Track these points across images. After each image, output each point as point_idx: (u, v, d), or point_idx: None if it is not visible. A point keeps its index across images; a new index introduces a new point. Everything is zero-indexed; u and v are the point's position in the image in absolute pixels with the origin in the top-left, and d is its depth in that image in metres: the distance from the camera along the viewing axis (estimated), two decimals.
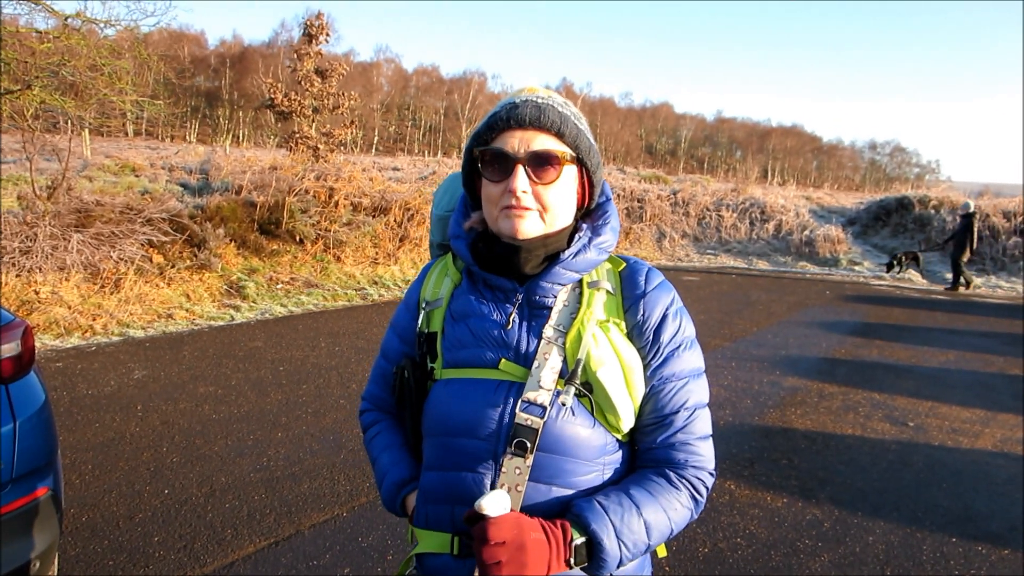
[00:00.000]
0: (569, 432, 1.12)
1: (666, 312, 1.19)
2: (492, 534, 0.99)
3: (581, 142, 1.18)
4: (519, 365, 1.15)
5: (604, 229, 1.23)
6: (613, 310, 1.19)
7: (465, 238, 1.25)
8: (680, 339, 1.19)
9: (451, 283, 1.28)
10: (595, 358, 1.12)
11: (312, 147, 14.99)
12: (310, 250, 10.88)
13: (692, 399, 1.18)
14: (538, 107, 1.15)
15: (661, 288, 1.21)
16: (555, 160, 1.14)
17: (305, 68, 15.40)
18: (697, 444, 1.16)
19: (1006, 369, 7.60)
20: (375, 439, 1.39)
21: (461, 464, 1.15)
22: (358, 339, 7.27)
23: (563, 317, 1.17)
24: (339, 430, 4.69)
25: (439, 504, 1.18)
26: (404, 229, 12.39)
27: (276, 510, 3.55)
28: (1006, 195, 23.34)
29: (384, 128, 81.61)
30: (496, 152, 1.15)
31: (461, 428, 1.15)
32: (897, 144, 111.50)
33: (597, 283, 1.20)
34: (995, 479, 4.53)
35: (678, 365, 1.18)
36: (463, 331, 1.20)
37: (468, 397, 1.15)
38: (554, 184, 1.14)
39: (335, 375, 5.92)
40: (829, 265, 17.45)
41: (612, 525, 1.06)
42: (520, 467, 1.11)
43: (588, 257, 1.19)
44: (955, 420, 5.70)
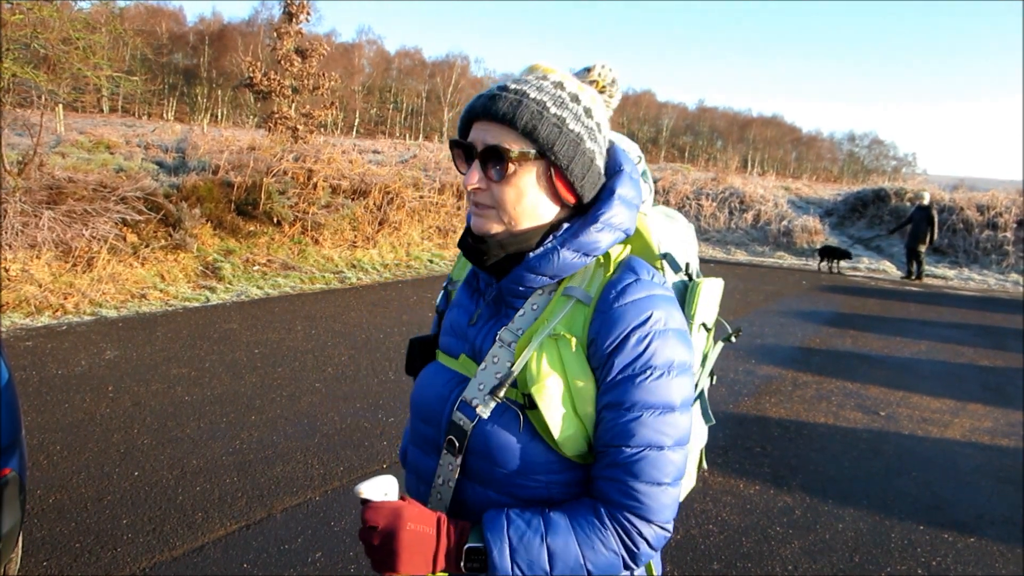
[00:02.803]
0: (498, 441, 1.05)
1: (628, 332, 1.02)
2: (367, 516, 0.99)
3: (550, 136, 1.03)
4: (473, 362, 1.12)
5: (587, 230, 1.08)
6: (577, 323, 1.05)
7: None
8: (642, 365, 1.01)
9: (469, 267, 1.28)
10: (533, 371, 1.02)
11: (291, 128, 14.81)
12: (288, 232, 10.76)
13: (640, 436, 1.01)
14: (494, 97, 1.04)
15: (634, 305, 1.03)
16: (501, 155, 1.03)
17: (285, 48, 15.18)
18: (639, 487, 1.00)
19: (976, 360, 7.72)
20: None
21: (420, 445, 1.18)
22: (335, 322, 7.22)
23: (525, 321, 1.08)
24: (314, 414, 4.65)
25: (412, 476, 1.21)
26: (384, 212, 12.30)
27: (248, 493, 3.52)
28: (980, 189, 23.67)
29: (365, 110, 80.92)
30: (454, 143, 1.10)
31: (420, 411, 1.17)
32: (875, 137, 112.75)
33: (573, 290, 1.08)
34: (962, 468, 4.62)
35: (632, 394, 1.01)
36: (449, 317, 1.22)
37: (432, 383, 1.16)
38: (505, 182, 1.05)
39: (311, 358, 5.88)
40: (806, 255, 17.61)
41: (508, 540, 0.98)
42: (452, 463, 1.09)
43: (562, 259, 1.07)
44: (925, 410, 5.78)
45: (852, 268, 16.10)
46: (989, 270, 16.63)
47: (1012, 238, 17.50)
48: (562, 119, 1.05)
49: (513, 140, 1.03)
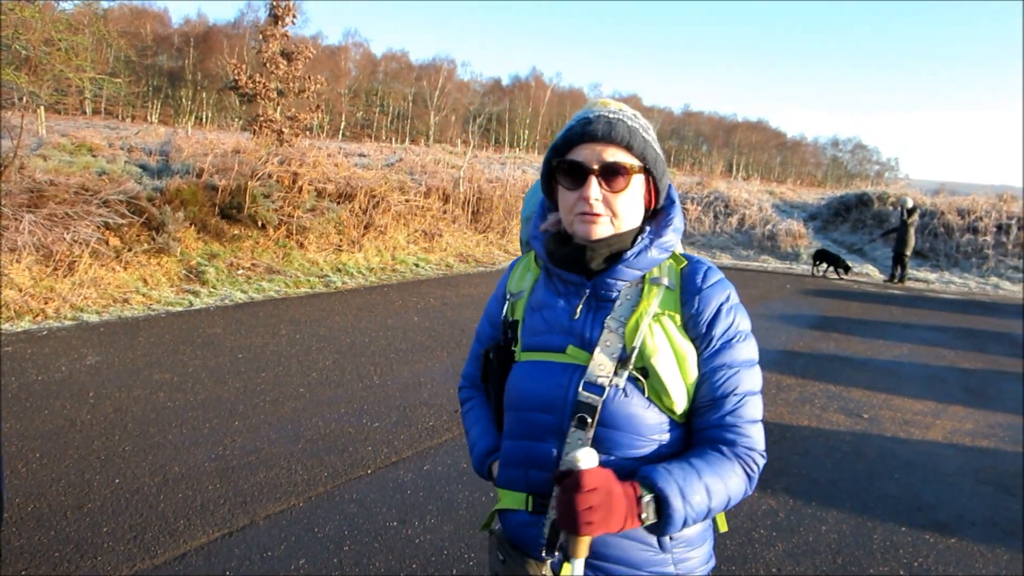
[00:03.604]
0: (624, 410, 1.24)
1: (720, 307, 1.30)
2: (586, 482, 1.10)
3: (648, 153, 1.30)
4: (583, 351, 1.29)
5: (666, 230, 1.35)
6: (670, 304, 1.30)
7: (542, 238, 1.40)
8: (733, 332, 1.29)
9: (532, 277, 1.45)
10: (651, 347, 1.25)
11: (276, 131, 14.72)
12: (272, 236, 10.70)
13: (743, 386, 1.28)
14: (609, 122, 1.28)
15: (717, 285, 1.32)
16: (624, 171, 1.27)
17: (270, 50, 15.09)
18: (746, 427, 1.27)
19: (957, 362, 7.81)
20: (468, 413, 1.59)
21: (534, 435, 1.31)
22: (320, 327, 7.18)
23: (624, 309, 1.30)
24: (298, 419, 4.63)
25: (515, 468, 1.34)
26: (369, 216, 12.26)
27: (230, 500, 3.49)
28: (961, 193, 23.93)
29: (351, 113, 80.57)
30: (571, 163, 1.29)
31: (535, 403, 1.30)
32: (858, 142, 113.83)
33: (659, 279, 1.32)
34: (944, 470, 4.66)
35: (730, 355, 1.28)
36: (539, 320, 1.36)
37: (541, 377, 1.30)
38: (623, 192, 1.28)
39: (295, 363, 5.85)
40: (790, 259, 17.74)
41: (677, 484, 1.17)
42: (582, 439, 1.24)
43: (650, 256, 1.31)
44: (907, 412, 5.84)
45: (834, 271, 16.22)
46: (970, 273, 16.84)
47: (992, 242, 17.73)
48: (650, 141, 1.32)
49: (627, 158, 1.28)
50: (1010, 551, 3.61)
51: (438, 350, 6.60)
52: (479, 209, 15.12)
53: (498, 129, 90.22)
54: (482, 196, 15.27)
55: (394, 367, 5.95)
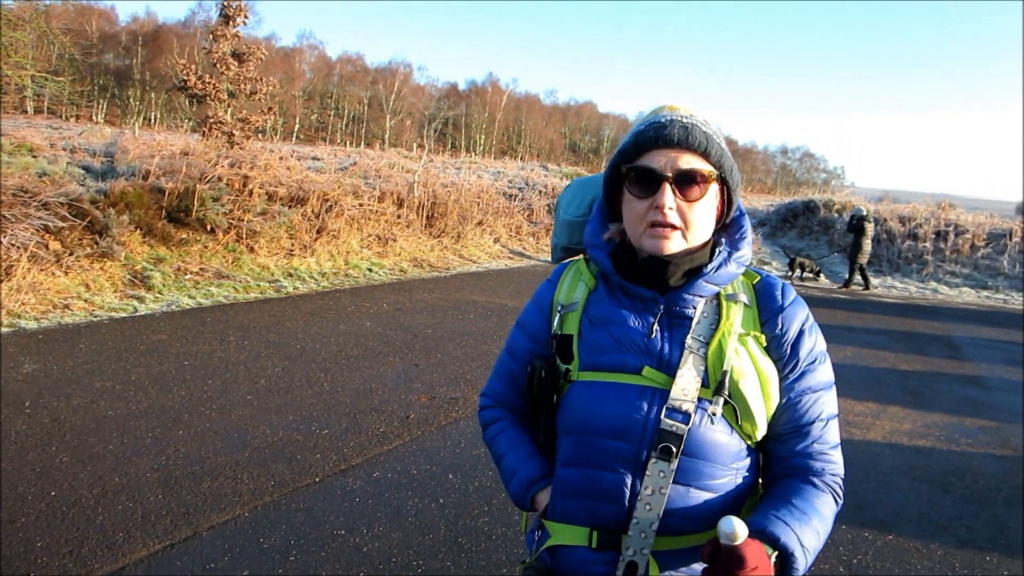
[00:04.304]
0: (710, 438, 1.17)
1: (803, 327, 1.24)
2: (750, 560, 1.03)
3: (725, 162, 1.22)
4: (661, 372, 1.19)
5: (742, 244, 1.27)
6: (751, 323, 1.23)
7: (604, 247, 1.29)
8: (816, 353, 1.24)
9: (586, 288, 1.32)
10: (737, 370, 1.17)
11: (227, 133, 14.46)
12: (222, 240, 10.49)
13: (826, 410, 1.24)
14: (685, 127, 1.19)
15: (797, 303, 1.26)
16: (702, 179, 1.19)
17: (221, 51, 14.83)
18: (831, 453, 1.24)
19: (896, 365, 8.07)
20: (499, 436, 1.44)
21: (603, 463, 1.20)
22: (270, 333, 7.07)
23: (703, 328, 1.21)
24: (244, 427, 4.54)
25: (578, 499, 1.23)
26: (322, 220, 12.11)
27: (173, 511, 3.41)
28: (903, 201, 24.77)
29: (306, 116, 79.61)
30: (644, 169, 1.20)
31: (605, 429, 1.19)
32: (806, 150, 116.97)
33: (735, 296, 1.25)
34: (882, 469, 4.81)
35: (814, 378, 1.23)
36: (604, 336, 1.24)
37: (612, 400, 1.20)
38: (699, 202, 1.20)
39: (243, 370, 5.74)
40: None
41: (796, 534, 1.12)
42: (664, 470, 1.16)
43: (729, 271, 1.24)
44: (849, 413, 6.00)
45: (784, 277, 16.61)
46: (910, 278, 17.42)
47: (931, 248, 18.38)
48: (726, 149, 1.23)
49: (704, 165, 1.20)
50: (943, 547, 3.75)
51: (390, 355, 6.56)
52: (434, 214, 15.06)
53: (454, 134, 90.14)
54: (437, 201, 15.22)
55: (345, 373, 5.89)
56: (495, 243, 16.56)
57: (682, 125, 1.19)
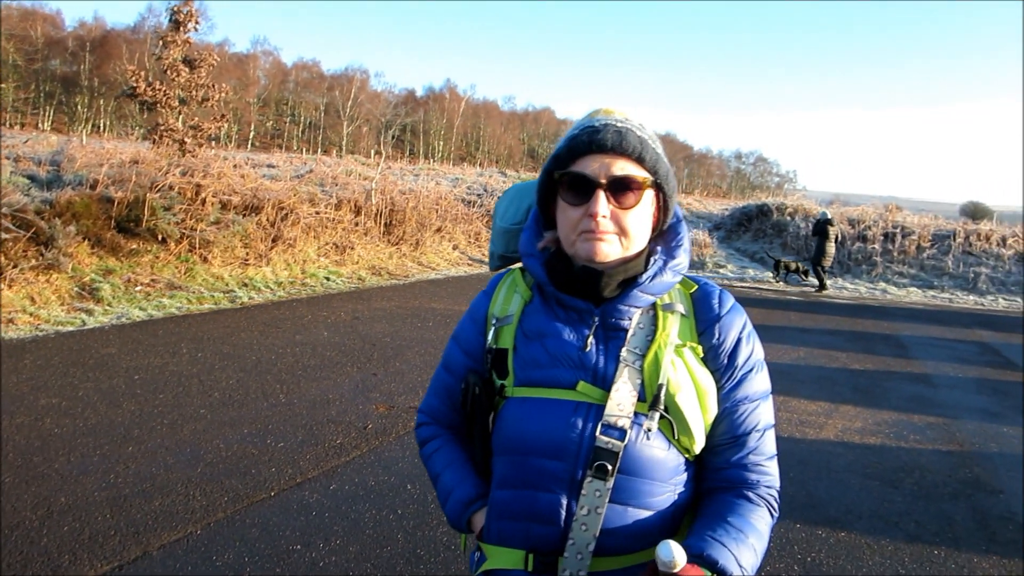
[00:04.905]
0: (647, 455, 1.14)
1: (740, 336, 1.22)
2: None
3: (660, 167, 1.18)
4: (596, 387, 1.15)
5: (678, 251, 1.24)
6: (687, 333, 1.20)
7: (539, 257, 1.25)
8: (753, 362, 1.22)
9: (521, 300, 1.27)
10: (674, 383, 1.14)
11: (179, 141, 14.18)
12: (174, 250, 10.27)
13: (763, 420, 1.21)
14: (619, 132, 1.15)
15: (735, 311, 1.24)
16: (636, 185, 1.15)
17: (171, 57, 14.54)
18: (767, 464, 1.21)
19: (848, 364, 8.26)
20: (435, 454, 1.38)
21: (538, 483, 1.15)
22: (224, 344, 6.93)
23: (639, 340, 1.18)
24: (197, 442, 4.44)
25: (514, 521, 1.18)
26: (278, 229, 11.94)
27: (122, 531, 3.32)
28: (852, 204, 25.44)
29: (261, 123, 78.51)
30: (577, 176, 1.16)
31: (539, 448, 1.15)
32: (760, 155, 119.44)
33: (671, 305, 1.22)
34: (835, 467, 4.91)
35: (751, 387, 1.21)
36: (538, 350, 1.20)
37: (546, 417, 1.15)
38: (634, 209, 1.16)
39: (196, 383, 5.62)
40: (696, 268, 18.36)
41: (732, 555, 1.08)
42: (600, 489, 1.12)
43: (664, 280, 1.20)
44: (803, 413, 6.12)
45: (739, 280, 16.92)
46: (860, 279, 17.90)
47: (880, 249, 18.92)
48: (661, 154, 1.20)
49: (639, 171, 1.16)
50: (894, 542, 3.84)
51: (348, 365, 6.49)
52: (392, 221, 14.97)
53: (412, 140, 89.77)
54: (395, 208, 15.13)
55: (301, 384, 5.80)
56: (454, 250, 16.53)
57: (616, 130, 1.15)
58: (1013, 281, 17.41)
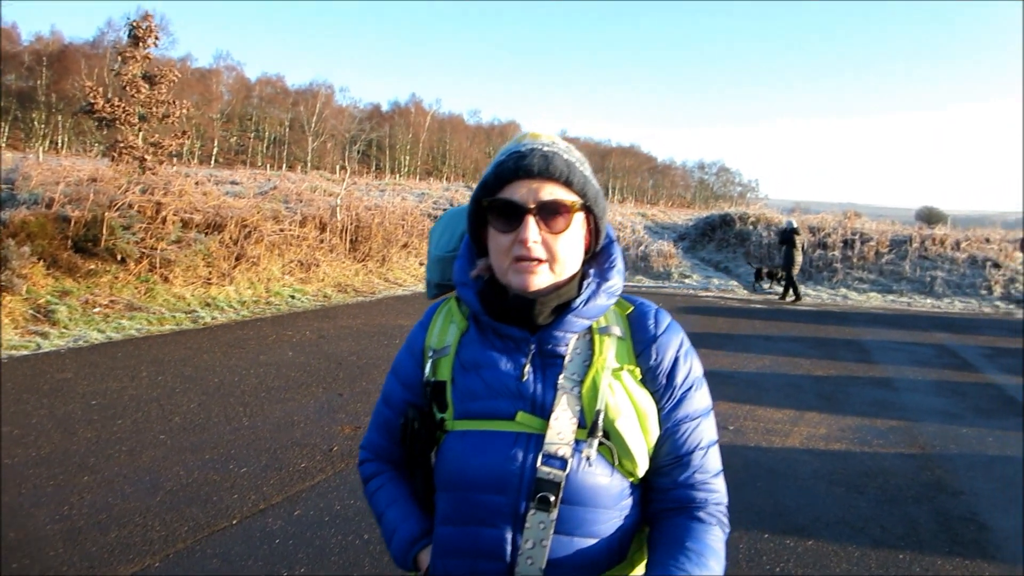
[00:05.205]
0: (590, 483, 1.12)
1: (678, 355, 1.21)
2: None
3: (588, 189, 1.17)
4: (536, 416, 1.14)
5: (611, 273, 1.22)
6: (625, 356, 1.19)
7: (472, 286, 1.23)
8: (691, 380, 1.21)
9: (457, 330, 1.25)
10: (613, 408, 1.13)
11: (138, 158, 13.93)
12: (133, 270, 10.06)
13: (706, 438, 1.20)
14: (545, 156, 1.14)
15: (671, 330, 1.23)
16: (565, 209, 1.14)
17: (131, 73, 14.30)
18: (714, 481, 1.20)
19: (812, 371, 8.37)
20: (379, 492, 1.35)
21: (481, 519, 1.13)
22: (185, 367, 6.79)
23: (576, 365, 1.16)
24: (157, 469, 4.33)
25: (459, 558, 1.16)
26: (241, 247, 11.78)
27: (76, 565, 3.20)
28: (813, 212, 25.93)
29: (224, 139, 77.56)
30: (505, 202, 1.14)
31: (480, 482, 1.13)
32: (722, 165, 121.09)
33: (607, 328, 1.20)
34: (801, 475, 4.94)
35: (691, 405, 1.20)
36: (475, 382, 1.18)
37: (486, 450, 1.13)
38: (564, 233, 1.15)
39: (156, 407, 5.48)
40: (662, 278, 18.55)
41: None
42: (544, 521, 1.10)
43: (598, 303, 1.18)
44: (769, 421, 6.17)
45: (704, 289, 17.10)
46: (822, 286, 18.22)
47: (840, 256, 19.29)
48: (589, 176, 1.19)
49: (567, 195, 1.15)
50: (860, 548, 3.87)
51: (313, 386, 6.39)
52: (358, 237, 14.87)
53: (378, 155, 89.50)
54: (360, 224, 15.03)
55: (265, 407, 5.70)
56: (421, 265, 16.46)
57: (542, 154, 1.14)
58: (967, 284, 17.87)
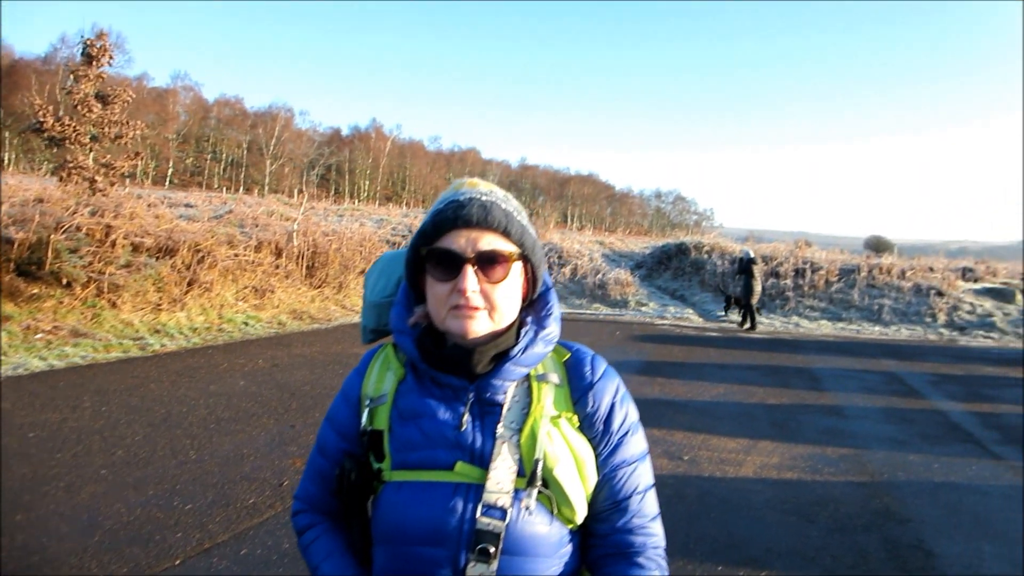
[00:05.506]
0: (529, 532, 1.11)
1: (614, 400, 1.22)
2: None
3: (526, 239, 1.19)
4: (475, 466, 1.13)
5: (549, 320, 1.24)
6: (563, 402, 1.20)
7: (410, 333, 1.22)
8: (628, 425, 1.22)
9: (395, 378, 1.24)
10: (551, 456, 1.13)
11: (88, 179, 13.58)
12: (80, 294, 9.76)
13: (643, 482, 1.22)
14: (484, 206, 1.16)
15: (607, 376, 1.24)
16: (503, 259, 1.16)
17: (83, 92, 13.99)
18: (651, 526, 1.22)
19: (765, 399, 8.49)
20: (313, 544, 1.29)
21: (420, 572, 1.11)
22: (131, 396, 6.58)
23: (515, 413, 1.17)
24: (96, 506, 4.15)
25: None
26: (193, 272, 11.54)
27: None
28: (766, 241, 26.55)
29: (180, 160, 76.35)
30: (444, 252, 1.15)
31: (418, 535, 1.11)
32: (679, 194, 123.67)
33: (545, 376, 1.21)
34: (754, 504, 4.97)
35: (628, 451, 1.21)
36: (413, 431, 1.17)
37: (424, 502, 1.12)
38: (502, 283, 1.16)
39: (98, 440, 5.29)
40: (619, 306, 18.71)
41: None
42: (485, 573, 1.08)
43: (536, 351, 1.20)
44: (723, 451, 6.21)
45: (660, 317, 17.29)
46: (774, 314, 18.58)
47: (791, 284, 19.73)
48: (527, 226, 1.21)
49: (505, 245, 1.17)
50: None
51: (264, 417, 6.25)
52: (314, 263, 14.70)
53: (338, 179, 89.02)
54: (318, 250, 14.87)
55: (214, 439, 5.54)
56: None
57: (481, 204, 1.16)
58: (913, 312, 18.42)
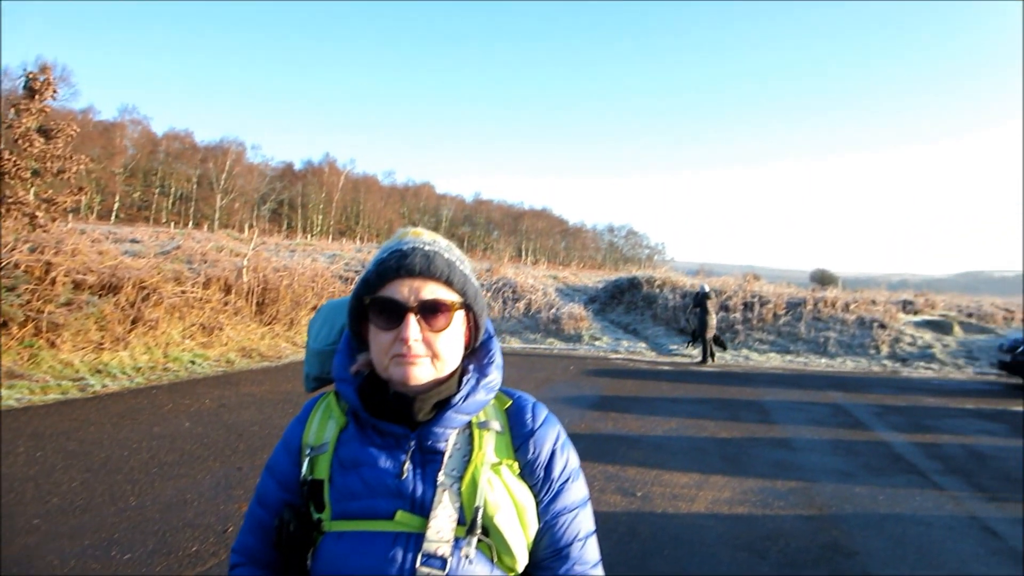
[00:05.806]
0: None
1: (555, 448, 1.24)
2: None
3: (468, 288, 1.21)
4: (415, 515, 1.13)
5: (490, 368, 1.26)
6: (503, 450, 1.22)
7: (352, 382, 1.23)
8: (568, 472, 1.24)
9: (336, 426, 1.24)
10: (492, 503, 1.14)
11: (29, 215, 13.16)
12: (16, 334, 9.41)
13: (584, 529, 1.24)
14: (427, 256, 1.18)
15: (548, 423, 1.26)
16: (446, 308, 1.18)
17: (25, 126, 13.62)
18: (593, 572, 1.23)
19: (716, 433, 8.58)
20: None
21: None
22: (69, 440, 6.33)
23: (456, 461, 1.18)
24: (28, 559, 3.96)
25: None
26: (138, 310, 11.24)
27: None
28: (716, 274, 27.12)
29: (127, 194, 74.66)
30: (387, 301, 1.17)
31: None
32: (631, 228, 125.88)
33: (486, 423, 1.23)
34: (706, 540, 4.99)
35: (568, 498, 1.23)
36: (354, 480, 1.17)
37: (364, 552, 1.11)
38: (445, 331, 1.18)
39: (32, 487, 5.06)
40: (573, 341, 18.82)
41: None
42: None
43: (478, 399, 1.21)
44: (675, 486, 6.24)
45: (613, 352, 17.44)
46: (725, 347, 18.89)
47: (740, 318, 20.14)
48: (469, 275, 1.23)
49: (448, 294, 1.19)
50: None
51: (210, 460, 6.07)
52: (264, 300, 14.46)
53: (290, 214, 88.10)
54: (268, 286, 14.65)
55: (156, 484, 5.36)
56: None
57: (424, 253, 1.18)
58: (857, 344, 18.95)
